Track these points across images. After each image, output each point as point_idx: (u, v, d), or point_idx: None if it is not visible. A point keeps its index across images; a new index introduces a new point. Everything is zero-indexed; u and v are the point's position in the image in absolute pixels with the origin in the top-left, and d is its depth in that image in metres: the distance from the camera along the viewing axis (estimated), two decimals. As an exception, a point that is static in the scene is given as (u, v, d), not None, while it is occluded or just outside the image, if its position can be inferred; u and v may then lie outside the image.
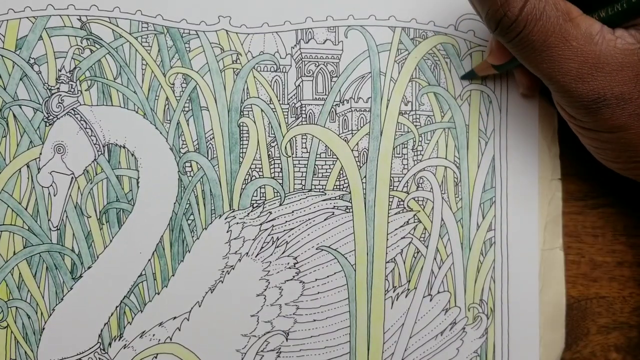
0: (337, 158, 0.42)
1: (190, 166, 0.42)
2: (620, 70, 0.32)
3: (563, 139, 0.43)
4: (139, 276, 0.41)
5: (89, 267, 0.41)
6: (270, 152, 0.42)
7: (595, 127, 0.35)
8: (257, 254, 0.42)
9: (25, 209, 0.41)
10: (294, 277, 0.42)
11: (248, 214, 0.42)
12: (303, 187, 0.42)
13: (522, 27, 0.33)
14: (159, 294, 0.41)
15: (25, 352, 0.41)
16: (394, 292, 0.42)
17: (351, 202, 0.42)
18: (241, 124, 0.42)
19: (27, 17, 0.41)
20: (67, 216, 0.41)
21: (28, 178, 0.41)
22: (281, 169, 0.42)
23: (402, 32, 0.43)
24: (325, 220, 0.42)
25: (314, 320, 0.42)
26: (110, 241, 0.41)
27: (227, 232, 0.41)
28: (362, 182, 0.42)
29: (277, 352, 0.41)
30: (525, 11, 0.32)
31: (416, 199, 0.43)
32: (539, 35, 0.32)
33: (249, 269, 0.41)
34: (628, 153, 0.35)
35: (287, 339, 0.42)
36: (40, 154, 0.41)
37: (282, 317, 0.41)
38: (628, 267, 0.43)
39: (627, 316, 0.43)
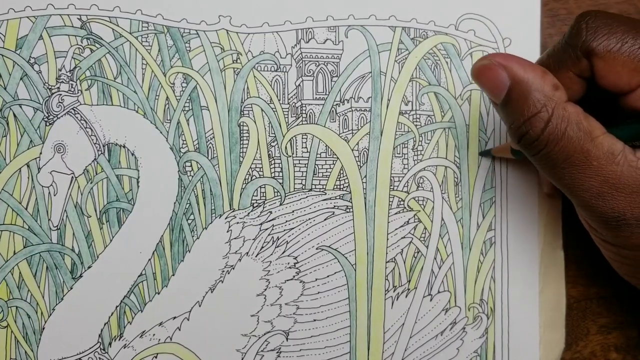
0: (338, 158, 0.42)
1: (191, 166, 0.42)
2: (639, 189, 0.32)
3: (563, 139, 0.43)
4: (139, 276, 0.41)
5: (89, 267, 0.41)
6: (270, 152, 0.42)
7: (615, 242, 0.34)
8: (258, 254, 0.42)
9: (26, 209, 0.41)
10: (294, 276, 0.42)
11: (248, 213, 0.42)
12: (303, 187, 0.42)
13: (544, 145, 0.32)
14: (159, 293, 0.41)
15: (25, 352, 0.41)
16: (394, 292, 0.42)
17: (351, 202, 0.42)
18: (241, 124, 0.42)
19: (27, 17, 0.41)
20: (67, 216, 0.41)
21: (28, 178, 0.41)
22: (281, 168, 0.42)
23: (403, 31, 0.43)
24: (325, 220, 0.42)
25: (314, 320, 0.42)
26: (110, 241, 0.41)
27: (227, 231, 0.41)
28: (363, 182, 0.42)
29: (277, 352, 0.41)
30: (547, 131, 0.32)
31: (416, 198, 0.43)
32: (560, 154, 0.32)
33: (249, 269, 0.41)
34: None
35: (287, 339, 0.42)
36: (41, 153, 0.41)
37: (282, 316, 0.41)
38: (628, 267, 0.43)
39: (627, 316, 0.43)
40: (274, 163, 0.42)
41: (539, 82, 0.32)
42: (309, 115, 0.42)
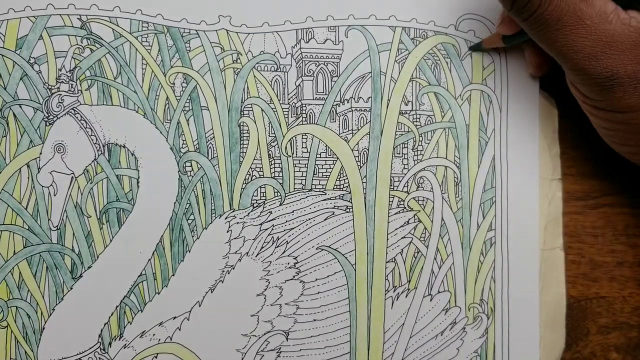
0: (338, 158, 0.42)
1: (191, 166, 0.42)
2: (633, 48, 0.33)
3: (563, 138, 0.43)
4: (139, 276, 0.41)
5: (89, 267, 0.41)
6: (270, 152, 0.42)
7: (607, 106, 0.35)
8: (258, 254, 0.42)
9: (25, 209, 0.41)
10: (294, 276, 0.42)
11: (248, 213, 0.42)
12: (303, 187, 0.42)
13: (537, 6, 0.33)
14: (159, 293, 0.41)
15: (25, 352, 0.41)
16: (394, 291, 0.42)
17: (351, 202, 0.42)
18: (241, 124, 0.42)
19: (27, 17, 0.41)
20: (67, 216, 0.41)
21: (28, 178, 0.41)
22: (281, 168, 0.42)
23: (403, 31, 0.43)
24: (325, 220, 0.42)
25: (314, 320, 0.42)
26: (111, 241, 0.41)
27: (228, 231, 0.41)
28: (362, 182, 0.42)
29: (277, 352, 0.41)
30: None
31: (416, 198, 0.43)
32: (553, 14, 0.33)
33: (249, 269, 0.41)
34: (638, 136, 0.36)
35: (287, 339, 0.42)
36: (41, 153, 0.41)
37: (282, 316, 0.41)
38: (628, 267, 0.43)
39: (627, 316, 0.43)
40: (274, 163, 0.42)
41: None
42: (309, 115, 0.42)
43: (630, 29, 0.33)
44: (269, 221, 0.42)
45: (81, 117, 0.41)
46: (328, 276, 0.42)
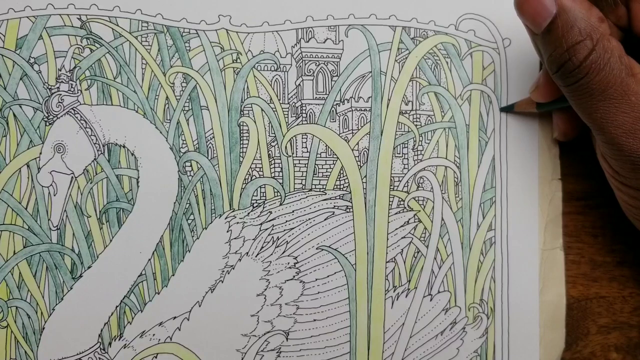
0: (338, 158, 0.42)
1: (190, 166, 0.42)
2: None
3: (563, 138, 0.43)
4: (139, 276, 0.41)
5: (89, 267, 0.41)
6: (270, 152, 0.42)
7: (637, 185, 0.34)
8: (258, 254, 0.42)
9: (25, 209, 0.41)
10: (294, 276, 0.42)
11: (248, 213, 0.42)
12: (303, 187, 0.42)
13: (585, 74, 0.32)
14: (159, 293, 0.41)
15: (25, 352, 0.41)
16: (394, 291, 0.42)
17: (351, 202, 0.42)
18: (241, 124, 0.42)
19: (27, 17, 0.41)
20: (67, 216, 0.41)
21: (28, 178, 0.41)
22: (281, 168, 0.42)
23: (403, 31, 0.43)
24: (325, 220, 0.42)
25: (314, 320, 0.42)
26: (110, 241, 0.41)
27: (227, 231, 0.41)
28: (363, 182, 0.42)
29: (277, 352, 0.41)
30: (590, 59, 0.32)
31: (416, 198, 0.43)
32: (599, 85, 0.32)
33: (249, 269, 0.41)
34: None
35: (287, 339, 0.42)
36: (40, 153, 0.41)
37: (282, 316, 0.41)
38: (628, 267, 0.43)
39: (627, 316, 0.43)
40: (274, 163, 0.42)
41: (585, 12, 0.32)
42: (309, 115, 0.42)
43: None
44: (269, 221, 0.42)
45: (81, 117, 0.41)
46: (328, 276, 0.42)
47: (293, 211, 0.42)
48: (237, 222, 0.42)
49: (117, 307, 0.41)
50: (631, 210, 0.37)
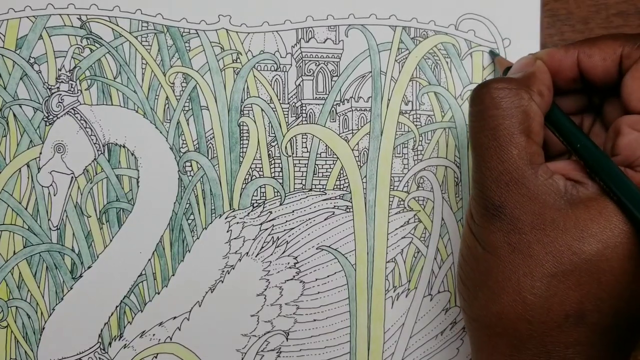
0: (338, 158, 0.42)
1: (191, 166, 0.42)
2: (533, 198, 0.31)
3: (564, 138, 0.43)
4: (139, 276, 0.41)
5: (89, 267, 0.41)
6: (270, 152, 0.42)
7: (478, 234, 0.32)
8: (258, 254, 0.42)
9: (25, 209, 0.41)
10: (294, 276, 0.42)
11: (248, 213, 0.42)
12: (303, 187, 0.42)
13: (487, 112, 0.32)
14: (159, 293, 0.41)
15: (25, 352, 0.41)
16: (394, 291, 0.42)
17: (351, 202, 0.42)
18: (241, 124, 0.42)
19: (27, 17, 0.41)
20: (67, 216, 0.41)
21: (28, 178, 0.41)
22: (281, 168, 0.42)
23: (403, 31, 0.43)
24: (325, 220, 0.42)
25: (314, 320, 0.42)
26: (110, 241, 0.41)
27: (227, 231, 0.41)
28: (363, 182, 0.42)
29: (277, 352, 0.41)
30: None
31: (416, 198, 0.43)
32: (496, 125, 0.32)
33: (249, 269, 0.41)
34: (487, 283, 0.32)
35: (287, 339, 0.42)
36: (40, 153, 0.41)
37: (282, 316, 0.41)
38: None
39: (627, 316, 0.43)
40: (274, 163, 0.42)
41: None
42: (309, 115, 0.42)
43: (541, 182, 0.31)
44: (269, 221, 0.42)
45: (81, 117, 0.41)
46: (328, 276, 0.42)
47: (293, 211, 0.42)
48: (237, 222, 0.42)
49: (117, 307, 0.41)
50: (462, 266, 0.34)
